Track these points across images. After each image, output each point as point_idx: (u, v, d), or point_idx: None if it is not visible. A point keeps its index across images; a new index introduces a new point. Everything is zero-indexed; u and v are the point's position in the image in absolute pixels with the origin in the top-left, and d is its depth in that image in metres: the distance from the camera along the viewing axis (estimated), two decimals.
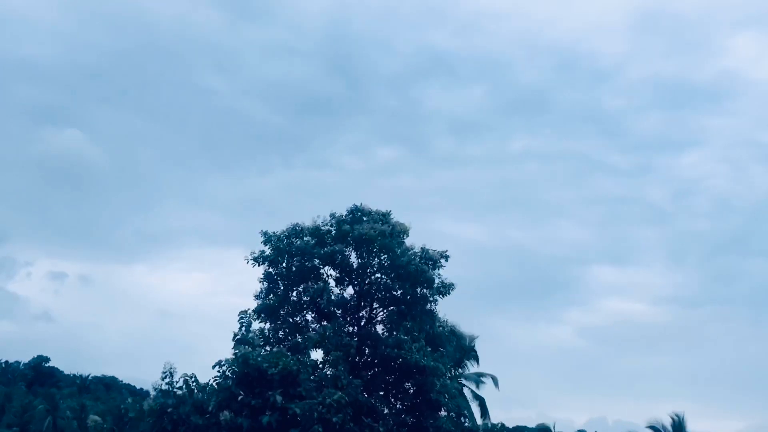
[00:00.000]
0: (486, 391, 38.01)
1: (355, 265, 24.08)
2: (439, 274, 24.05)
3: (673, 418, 33.50)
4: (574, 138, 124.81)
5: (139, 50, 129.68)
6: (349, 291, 24.30)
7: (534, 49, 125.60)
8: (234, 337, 21.76)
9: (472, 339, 38.50)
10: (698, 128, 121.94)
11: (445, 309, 24.71)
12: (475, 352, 38.31)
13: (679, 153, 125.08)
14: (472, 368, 38.23)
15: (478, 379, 38.19)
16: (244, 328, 21.90)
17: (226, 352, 21.31)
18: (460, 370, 37.75)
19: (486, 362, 38.64)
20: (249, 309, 23.06)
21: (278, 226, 24.25)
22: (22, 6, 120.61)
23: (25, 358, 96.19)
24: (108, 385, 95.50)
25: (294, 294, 24.05)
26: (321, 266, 24.03)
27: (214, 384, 21.01)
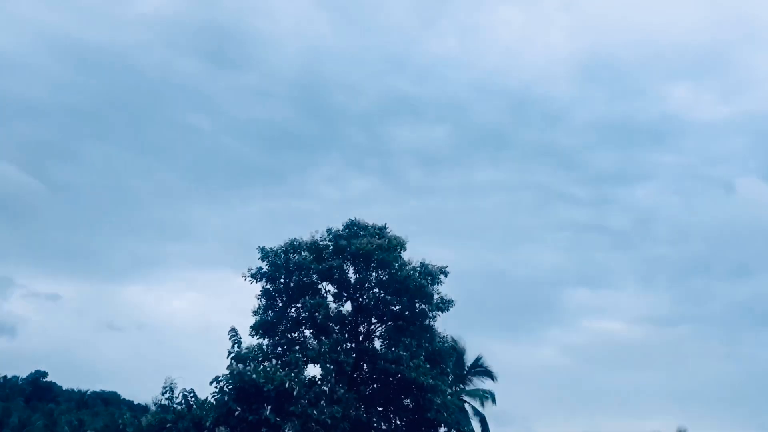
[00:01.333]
0: (488, 408, 37.90)
1: (353, 280, 24.01)
2: (437, 290, 24.00)
3: None
4: (535, 171, 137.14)
5: (127, 94, 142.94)
6: (347, 306, 24.23)
7: (488, 94, 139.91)
8: (229, 355, 21.67)
9: (479, 357, 38.48)
10: (648, 164, 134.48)
11: (443, 325, 24.66)
12: (484, 367, 38.30)
13: (633, 185, 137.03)
14: (482, 384, 38.19)
15: (480, 395, 38.08)
16: (236, 345, 21.82)
17: (223, 368, 21.29)
18: (462, 386, 37.61)
19: (478, 379, 38.63)
20: (236, 327, 22.79)
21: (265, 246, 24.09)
22: (20, 53, 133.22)
23: (23, 373, 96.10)
24: (107, 400, 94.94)
25: (292, 310, 23.93)
26: (319, 281, 23.91)
27: (212, 400, 20.95)
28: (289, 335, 23.78)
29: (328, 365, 21.37)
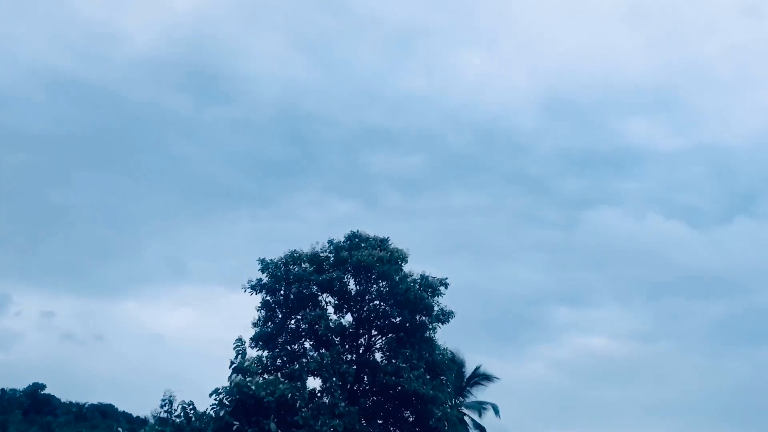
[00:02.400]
0: (486, 419, 37.69)
1: (353, 292, 23.91)
2: (437, 302, 23.96)
3: None
4: (507, 196, 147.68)
5: (118, 126, 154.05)
6: (348, 318, 24.12)
7: (458, 126, 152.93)
8: (231, 365, 21.55)
9: (478, 367, 38.36)
10: (612, 190, 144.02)
11: (444, 337, 24.63)
12: (484, 374, 38.20)
13: (601, 210, 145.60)
14: (479, 395, 38.04)
15: (479, 407, 37.89)
16: (240, 356, 21.70)
17: (220, 381, 21.16)
18: (461, 398, 37.46)
19: (477, 391, 38.51)
20: (242, 336, 22.76)
21: (253, 267, 24.07)
22: (22, 89, 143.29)
23: (20, 385, 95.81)
24: (105, 412, 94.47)
25: (292, 321, 23.82)
26: (319, 293, 23.80)
27: (211, 412, 20.83)
28: (289, 347, 23.66)
29: (331, 377, 21.24)
